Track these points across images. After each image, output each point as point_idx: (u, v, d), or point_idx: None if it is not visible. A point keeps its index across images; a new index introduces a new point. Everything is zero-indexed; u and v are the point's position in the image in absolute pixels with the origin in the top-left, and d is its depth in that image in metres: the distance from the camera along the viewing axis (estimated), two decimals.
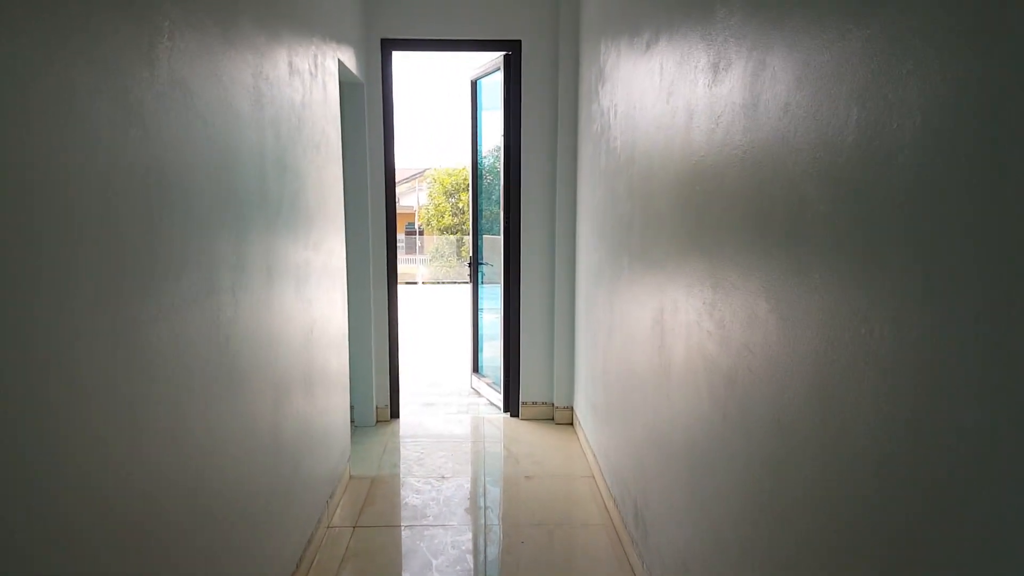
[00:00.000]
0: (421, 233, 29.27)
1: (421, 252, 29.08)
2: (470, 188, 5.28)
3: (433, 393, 5.28)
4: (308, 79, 2.77)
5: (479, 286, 5.29)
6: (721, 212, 1.72)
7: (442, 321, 9.61)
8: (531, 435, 4.25)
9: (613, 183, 3.11)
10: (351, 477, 3.58)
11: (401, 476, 3.63)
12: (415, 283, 20.40)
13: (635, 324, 2.66)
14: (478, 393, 5.22)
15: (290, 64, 2.50)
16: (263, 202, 2.18)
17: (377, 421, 4.52)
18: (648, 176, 2.45)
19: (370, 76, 4.26)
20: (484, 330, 5.34)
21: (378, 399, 4.53)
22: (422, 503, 3.29)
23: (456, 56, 5.44)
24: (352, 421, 4.47)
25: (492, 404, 4.92)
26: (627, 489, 2.83)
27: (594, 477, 3.57)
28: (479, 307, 5.35)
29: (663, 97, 2.23)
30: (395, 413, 4.60)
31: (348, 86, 4.17)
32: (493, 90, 4.85)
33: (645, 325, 2.48)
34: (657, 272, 2.32)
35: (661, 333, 2.26)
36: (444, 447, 4.03)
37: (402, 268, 29.40)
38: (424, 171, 27.90)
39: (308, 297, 2.73)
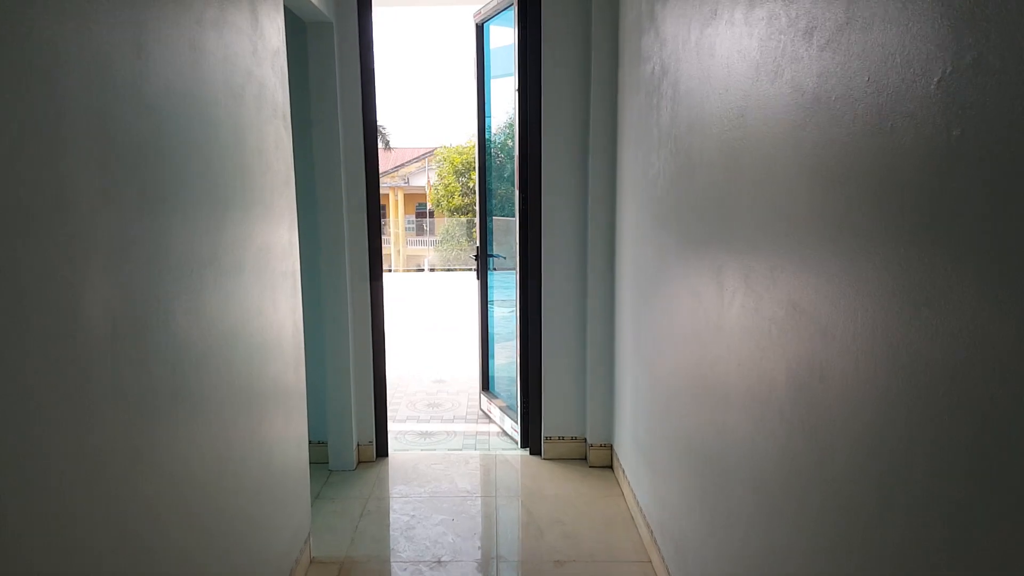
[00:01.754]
0: (431, 215, 28.29)
1: (432, 234, 28.13)
2: (476, 161, 4.25)
3: (433, 417, 4.30)
4: None
5: (489, 280, 4.27)
6: None
7: (449, 316, 8.62)
8: (558, 485, 3.26)
9: (686, 143, 2.08)
10: (312, 561, 2.60)
11: (384, 557, 2.65)
12: (422, 270, 19.44)
13: (738, 367, 1.65)
14: (489, 418, 4.23)
15: None
16: (100, 173, 1.18)
17: (359, 462, 3.54)
18: (765, 130, 1.41)
19: (342, 13, 3.23)
20: (498, 328, 4.33)
21: (359, 434, 3.54)
22: None
23: None
24: (324, 463, 3.49)
25: (506, 435, 3.93)
26: None
27: (651, 563, 2.57)
28: (489, 305, 4.34)
29: None
30: (382, 451, 3.62)
31: (312, 26, 3.15)
32: (504, 55, 3.81)
33: (773, 377, 1.47)
34: (803, 287, 1.30)
35: (809, 405, 1.24)
36: (444, 505, 3.05)
37: (411, 251, 28.50)
38: (434, 150, 26.84)
39: (219, 314, 1.73)
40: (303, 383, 2.56)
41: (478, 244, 4.22)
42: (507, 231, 4.05)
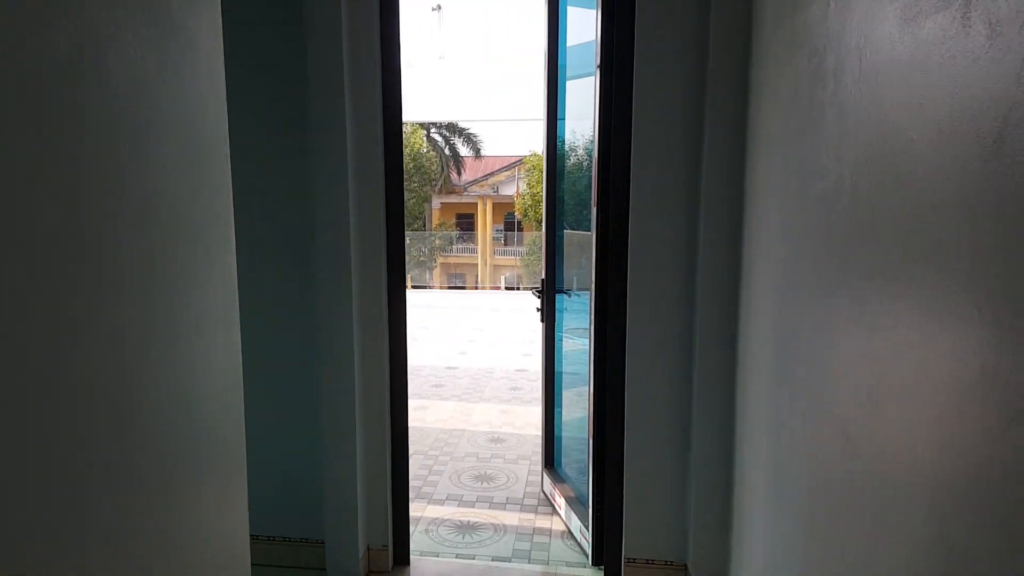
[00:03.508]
0: (519, 227, 27.62)
1: (521, 244, 27.43)
2: (544, 163, 3.31)
3: (480, 498, 3.36)
4: None
5: (557, 316, 3.30)
6: None
7: (524, 348, 7.69)
8: None
9: (905, 134, 1.06)
10: None
11: None
12: (498, 288, 18.73)
13: None
14: (552, 505, 3.25)
15: None
16: None
17: (369, 573, 2.65)
18: None
19: None
20: (570, 366, 3.36)
21: (370, 532, 2.65)
22: None
23: None
24: (320, 570, 2.62)
25: (573, 538, 2.94)
26: None
27: None
28: (556, 351, 3.39)
29: None
30: (401, 556, 2.71)
31: None
32: (582, 54, 2.91)
33: None
34: None
35: None
36: None
37: (499, 260, 27.84)
38: (523, 158, 26.17)
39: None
40: (239, 461, 1.68)
41: (543, 272, 3.27)
42: (583, 248, 3.11)
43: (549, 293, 3.20)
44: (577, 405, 3.35)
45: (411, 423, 4.66)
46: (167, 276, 1.29)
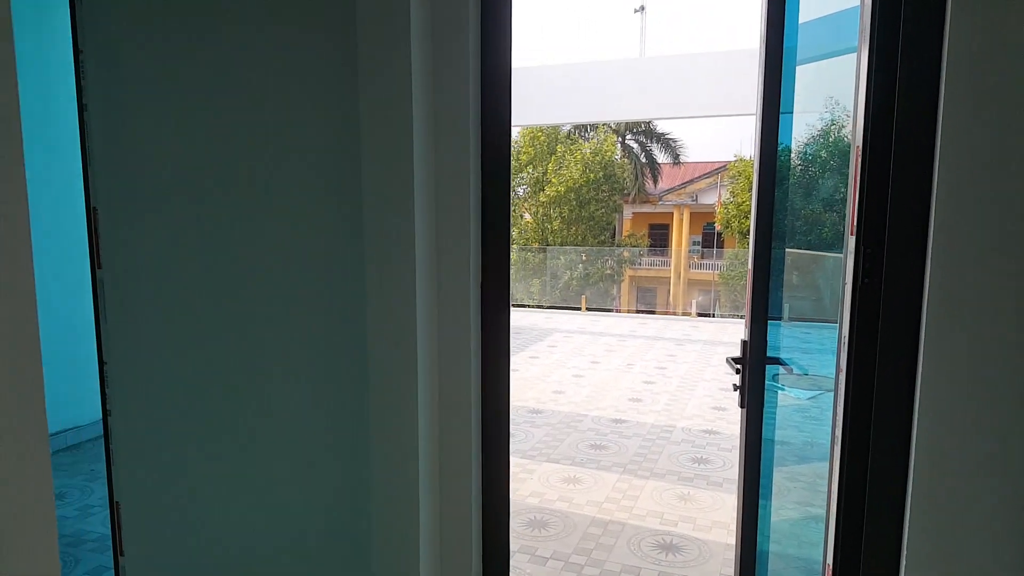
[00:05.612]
0: (720, 242, 25.68)
1: (719, 259, 25.52)
2: (756, 162, 2.23)
3: None
4: None
5: (767, 416, 2.20)
6: None
7: (715, 397, 6.45)
8: None
9: None
10: None
11: None
12: (689, 313, 17.30)
13: None
14: None
15: None
16: None
17: None
18: None
19: None
20: (786, 425, 2.35)
21: None
22: None
23: None
24: None
25: None
26: None
27: None
28: (764, 419, 2.29)
29: None
30: None
31: None
32: (824, 28, 1.98)
33: None
34: None
35: None
36: None
37: (694, 275, 26.01)
38: (727, 164, 24.30)
39: None
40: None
41: (746, 331, 2.17)
42: (814, 274, 2.14)
43: (756, 362, 2.10)
44: (792, 495, 2.27)
45: (556, 503, 3.75)
46: None
